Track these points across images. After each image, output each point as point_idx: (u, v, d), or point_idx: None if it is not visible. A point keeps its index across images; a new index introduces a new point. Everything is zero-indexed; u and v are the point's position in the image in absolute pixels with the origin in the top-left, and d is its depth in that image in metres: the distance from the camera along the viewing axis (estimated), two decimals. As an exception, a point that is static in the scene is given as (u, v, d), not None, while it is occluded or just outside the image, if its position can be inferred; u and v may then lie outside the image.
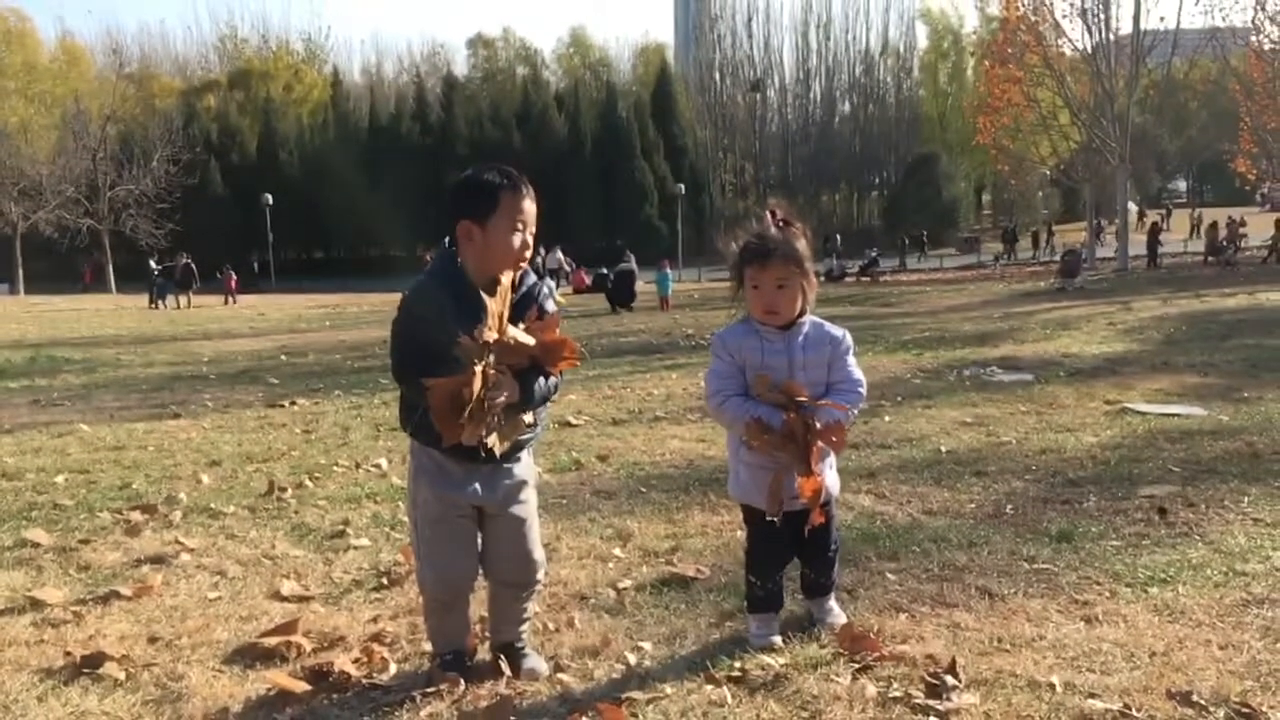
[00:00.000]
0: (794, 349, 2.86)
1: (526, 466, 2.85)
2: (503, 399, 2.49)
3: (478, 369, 2.42)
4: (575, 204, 57.69)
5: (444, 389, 2.43)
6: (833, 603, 3.14)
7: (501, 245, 2.61)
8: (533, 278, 2.72)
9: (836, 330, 2.95)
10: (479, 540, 2.81)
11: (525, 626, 2.94)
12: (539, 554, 2.87)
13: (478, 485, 2.72)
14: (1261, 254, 33.14)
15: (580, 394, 8.37)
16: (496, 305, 2.50)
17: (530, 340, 2.52)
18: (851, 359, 2.94)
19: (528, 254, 2.65)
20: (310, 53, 75.25)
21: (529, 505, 2.84)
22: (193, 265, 33.42)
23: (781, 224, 2.85)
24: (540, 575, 2.89)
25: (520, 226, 2.62)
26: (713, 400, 2.89)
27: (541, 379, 2.64)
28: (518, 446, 2.72)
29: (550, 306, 2.72)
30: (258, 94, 67.30)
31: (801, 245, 2.84)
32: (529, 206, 2.65)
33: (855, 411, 2.89)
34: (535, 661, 2.87)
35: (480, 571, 2.83)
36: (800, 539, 2.94)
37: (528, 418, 2.64)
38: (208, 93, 67.48)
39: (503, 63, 75.79)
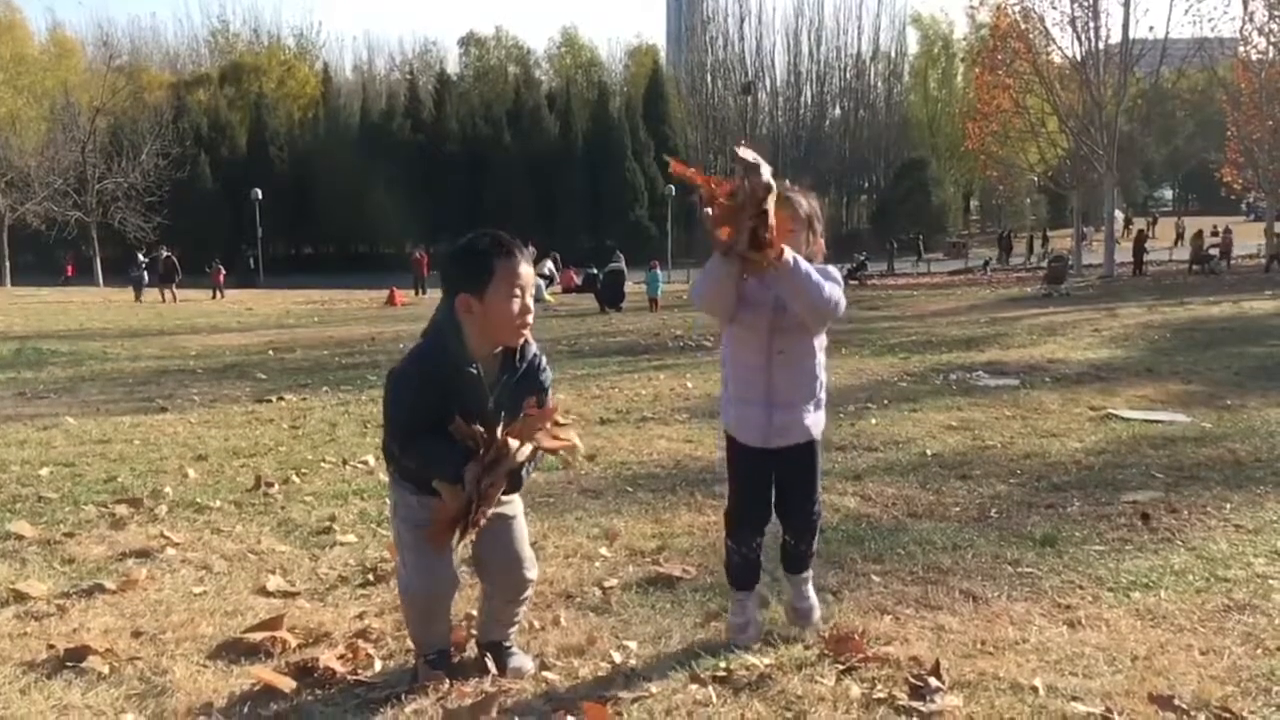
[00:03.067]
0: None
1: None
2: (493, 507, 2.58)
3: (480, 491, 2.51)
4: (565, 203, 57.77)
5: (448, 515, 2.55)
6: (810, 590, 3.09)
7: (501, 315, 2.57)
8: (534, 348, 2.71)
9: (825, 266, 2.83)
10: (472, 547, 2.82)
11: (514, 628, 2.95)
12: (528, 552, 2.87)
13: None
14: (1247, 263, 33.39)
15: (568, 393, 8.37)
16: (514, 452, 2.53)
17: (527, 452, 2.54)
18: (834, 283, 2.74)
19: (529, 319, 2.62)
20: (302, 48, 75.11)
21: (514, 504, 2.84)
22: (175, 259, 33.24)
23: (798, 189, 2.87)
24: (532, 575, 2.89)
25: (518, 293, 2.58)
26: (695, 290, 2.80)
27: (529, 464, 2.68)
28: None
29: (547, 380, 2.73)
30: (249, 89, 67.09)
31: (814, 205, 2.86)
32: (525, 270, 2.61)
33: (826, 292, 2.63)
34: (521, 660, 2.87)
35: (471, 574, 2.84)
36: (782, 487, 2.92)
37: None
38: (198, 87, 67.23)
39: (494, 61, 75.81)
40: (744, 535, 2.97)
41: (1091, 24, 31.79)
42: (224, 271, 35.64)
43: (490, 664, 2.82)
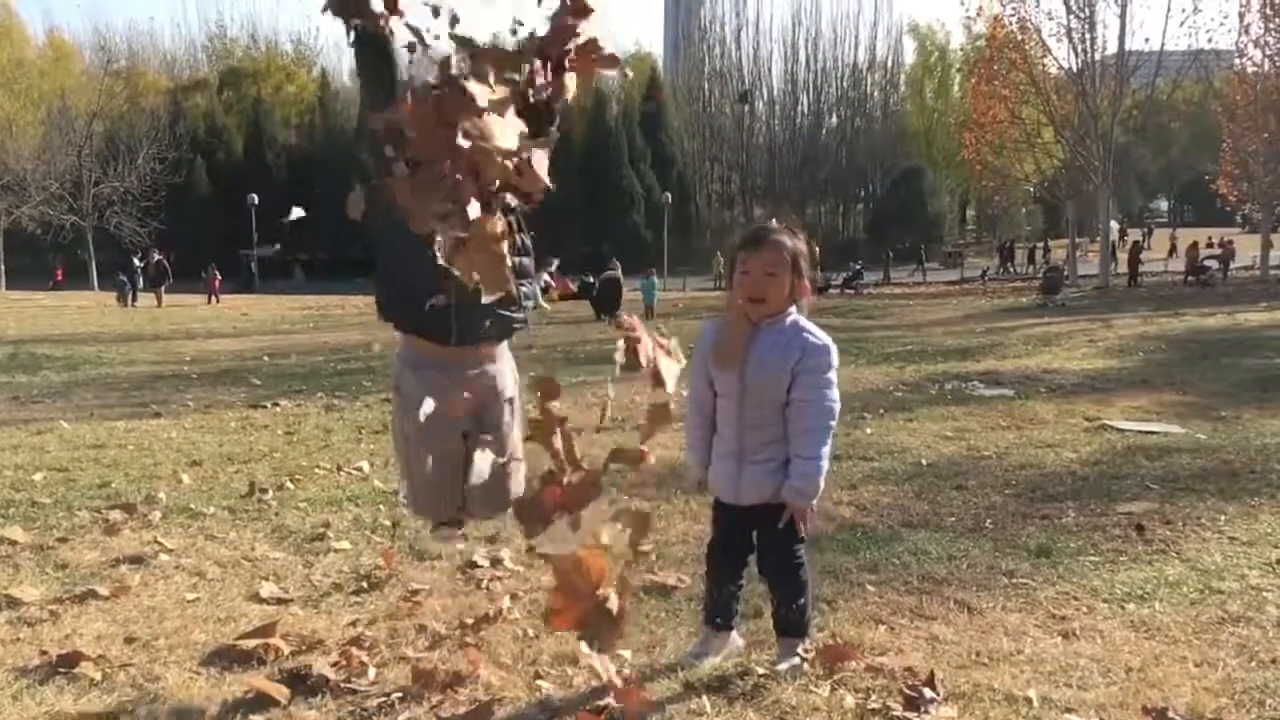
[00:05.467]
0: (758, 342, 2.74)
1: (510, 378, 2.91)
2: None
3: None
4: (562, 211, 57.66)
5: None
6: (795, 658, 2.85)
7: None
8: None
9: (818, 338, 2.75)
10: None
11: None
12: (519, 489, 2.90)
13: (463, 419, 2.80)
14: (1242, 275, 33.48)
15: (564, 401, 8.33)
16: None
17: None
18: (828, 377, 2.73)
19: None
20: (299, 54, 75.08)
21: (516, 422, 2.90)
22: (165, 262, 33.18)
23: (785, 228, 2.80)
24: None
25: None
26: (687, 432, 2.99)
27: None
28: (503, 333, 2.80)
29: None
30: (246, 94, 67.06)
31: (800, 245, 2.77)
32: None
33: (821, 449, 2.69)
34: None
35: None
36: (759, 544, 2.89)
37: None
38: (195, 91, 67.15)
39: (492, 67, 75.77)
40: (719, 576, 2.98)
41: (1088, 35, 31.90)
42: (219, 277, 35.56)
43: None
